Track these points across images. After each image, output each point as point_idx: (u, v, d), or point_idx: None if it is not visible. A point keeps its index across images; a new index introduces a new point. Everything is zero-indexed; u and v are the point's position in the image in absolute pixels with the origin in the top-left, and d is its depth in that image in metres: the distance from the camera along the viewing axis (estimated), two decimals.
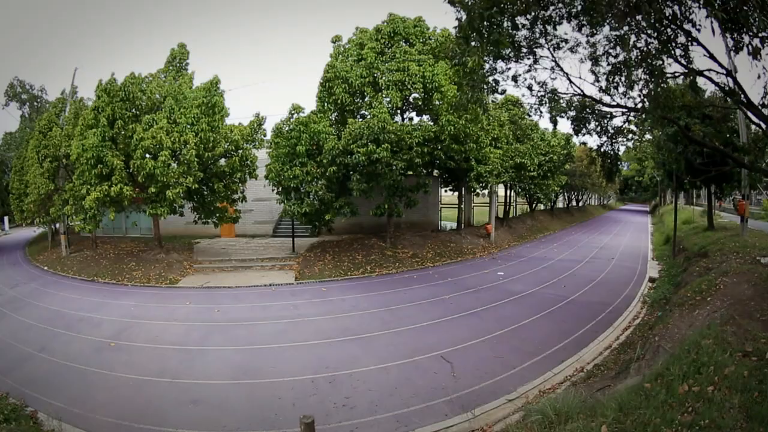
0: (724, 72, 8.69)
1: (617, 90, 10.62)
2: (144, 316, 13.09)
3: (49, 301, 15.29)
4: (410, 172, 18.73)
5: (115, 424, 7.24)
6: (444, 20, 50.31)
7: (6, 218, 39.53)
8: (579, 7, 9.49)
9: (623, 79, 10.12)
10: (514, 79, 11.98)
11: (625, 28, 8.84)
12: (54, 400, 7.98)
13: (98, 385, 8.68)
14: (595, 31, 10.01)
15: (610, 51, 10.14)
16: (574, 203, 48.94)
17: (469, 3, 9.68)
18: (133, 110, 18.68)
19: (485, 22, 9.77)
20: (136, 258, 19.71)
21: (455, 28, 10.74)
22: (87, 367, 9.52)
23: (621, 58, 9.96)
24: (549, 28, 10.33)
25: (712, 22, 7.11)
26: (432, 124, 18.73)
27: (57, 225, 25.30)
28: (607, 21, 9.20)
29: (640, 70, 9.63)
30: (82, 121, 18.68)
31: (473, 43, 11.14)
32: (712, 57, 8.51)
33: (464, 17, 10.22)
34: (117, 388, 8.54)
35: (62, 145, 21.13)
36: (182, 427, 7.07)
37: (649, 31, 8.86)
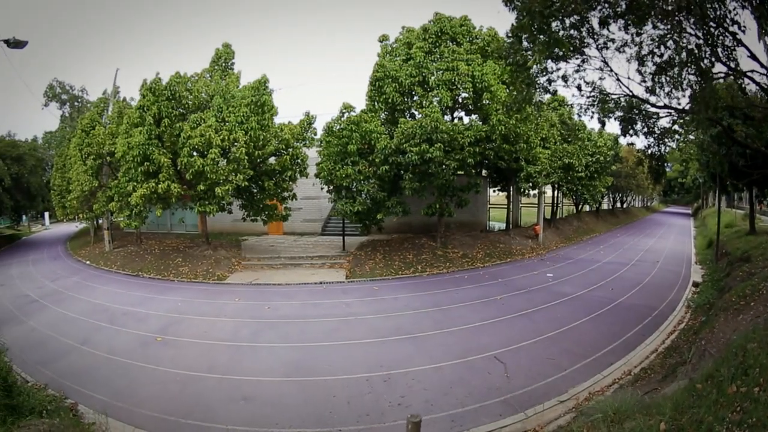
0: (766, 72, 9.02)
1: (662, 90, 10.99)
2: (191, 311, 13.55)
3: (92, 295, 15.93)
4: (461, 172, 19.29)
5: (160, 419, 7.39)
6: (488, 19, 50.59)
7: (47, 214, 41.73)
8: (623, 6, 9.94)
9: (668, 78, 10.55)
10: (564, 78, 12.38)
11: (668, 27, 9.29)
12: (96, 393, 8.23)
13: (143, 380, 8.90)
14: (639, 31, 10.37)
15: (655, 50, 10.47)
16: (618, 205, 48.87)
17: (527, 3, 10.23)
18: (180, 109, 19.65)
19: (544, 21, 10.32)
20: (182, 254, 20.66)
21: (512, 27, 11.34)
22: (132, 361, 9.79)
23: (666, 57, 10.35)
24: (597, 27, 10.76)
25: (761, 23, 7.47)
26: (481, 123, 19.26)
27: (100, 221, 26.77)
28: (651, 20, 9.67)
29: (684, 70, 10.04)
30: (127, 119, 19.65)
31: (525, 43, 11.72)
32: (753, 57, 8.90)
33: (520, 17, 10.81)
34: (163, 383, 8.72)
35: (106, 144, 22.30)
36: (233, 423, 7.21)
37: (690, 30, 9.29)
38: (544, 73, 12.58)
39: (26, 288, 17.62)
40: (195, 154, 18.03)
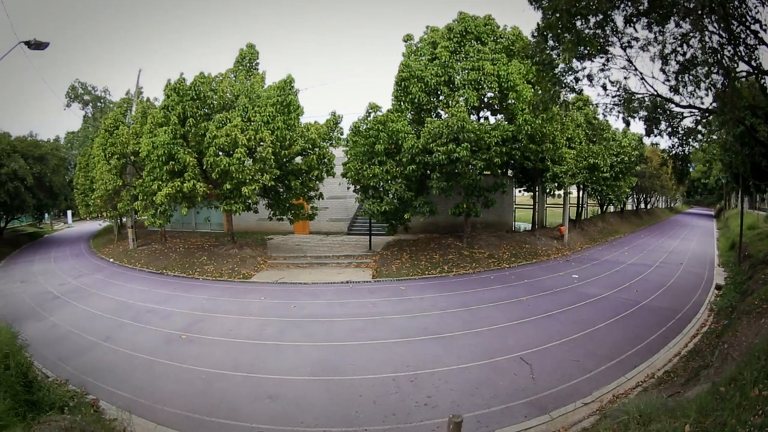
0: None
1: (686, 89, 11.13)
2: (216, 309, 13.73)
3: (115, 292, 16.25)
4: (487, 172, 19.46)
5: (184, 416, 7.46)
6: (509, 18, 50.74)
7: (69, 212, 42.75)
8: (646, 4, 10.04)
9: (691, 77, 10.65)
10: (589, 78, 12.55)
11: (690, 25, 9.40)
12: (118, 390, 8.33)
13: (167, 377, 8.98)
14: (662, 29, 10.53)
15: (678, 49, 10.63)
16: (642, 205, 48.68)
17: (554, 1, 10.39)
18: (205, 109, 20.06)
19: (570, 20, 10.48)
20: (207, 252, 21.09)
21: (538, 26, 11.50)
22: (155, 358, 9.88)
23: (689, 56, 10.48)
24: (620, 25, 10.88)
25: None
26: (507, 123, 19.41)
27: (124, 219, 27.42)
28: (673, 18, 9.78)
29: (706, 68, 10.13)
30: (151, 119, 20.07)
31: (551, 42, 11.88)
32: None
33: (547, 15, 10.98)
34: (187, 381, 8.79)
35: (130, 143, 22.77)
36: (258, 422, 7.26)
37: (712, 29, 9.38)
38: (570, 72, 12.77)
39: (48, 284, 18.02)
40: (220, 153, 18.33)
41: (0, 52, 13.23)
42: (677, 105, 11.72)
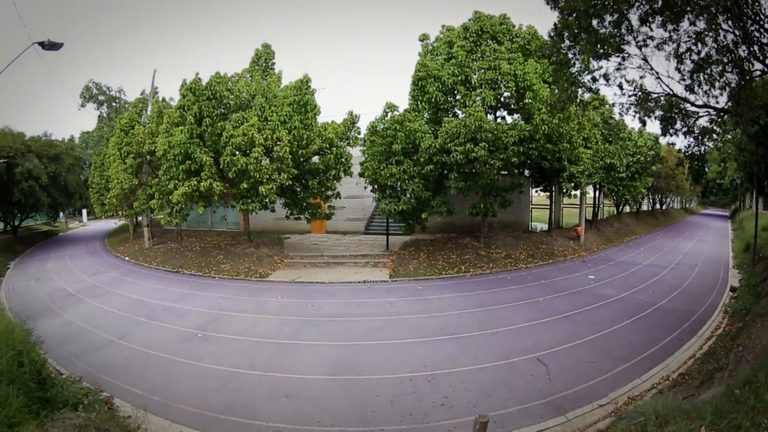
0: None
1: (701, 88, 11.10)
2: (233, 308, 13.83)
3: (130, 290, 16.46)
4: (504, 172, 19.58)
5: (198, 414, 7.48)
6: (525, 17, 50.71)
7: (84, 211, 43.41)
8: (660, 2, 10.09)
9: (706, 76, 10.68)
10: (606, 77, 12.55)
11: (703, 24, 9.46)
12: (133, 387, 8.36)
13: (182, 375, 9.01)
14: (676, 27, 10.51)
15: (692, 47, 10.59)
16: (657, 206, 48.54)
17: (571, 1, 10.49)
18: (221, 109, 20.31)
19: (587, 19, 10.58)
20: (223, 251, 21.36)
21: (555, 26, 11.61)
22: (170, 356, 9.93)
23: (703, 54, 10.47)
24: (635, 24, 10.89)
25: None
26: (524, 123, 19.52)
27: (139, 218, 27.83)
28: (687, 16, 9.85)
29: (720, 67, 10.18)
30: (167, 119, 20.36)
31: (567, 42, 11.98)
32: None
33: (564, 15, 11.08)
34: (203, 379, 8.82)
35: (145, 143, 23.13)
36: (274, 421, 7.26)
37: (726, 27, 9.43)
38: (587, 72, 12.86)
39: (63, 282, 18.27)
40: (237, 153, 18.56)
41: (12, 54, 13.36)
42: (692, 104, 11.77)
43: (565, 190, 24.26)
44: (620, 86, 12.45)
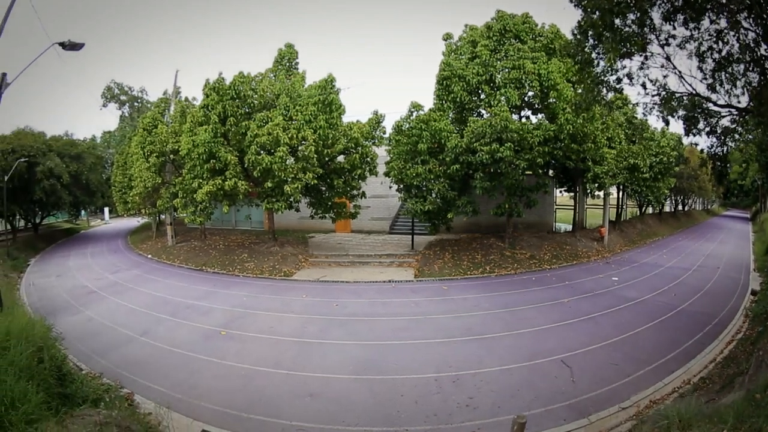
0: None
1: (722, 87, 11.15)
2: (257, 306, 13.98)
3: (153, 287, 16.75)
4: (529, 172, 19.72)
5: (221, 412, 7.55)
6: (544, 16, 50.43)
7: (106, 209, 44.25)
8: (680, 0, 10.18)
9: (727, 75, 10.72)
10: (629, 76, 12.61)
11: (724, 22, 9.51)
12: (155, 384, 8.46)
13: (205, 373, 9.09)
14: (698, 26, 10.56)
15: (713, 46, 10.66)
16: (680, 207, 48.26)
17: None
18: (245, 108, 20.63)
19: (611, 18, 10.69)
20: (248, 250, 21.70)
21: (579, 25, 11.72)
22: (193, 354, 10.01)
23: (724, 53, 10.54)
24: (657, 23, 10.94)
25: None
26: (548, 123, 19.63)
27: (162, 216, 28.35)
28: (708, 14, 9.92)
29: (742, 66, 10.22)
30: (191, 118, 20.65)
31: (591, 40, 12.09)
32: None
33: (588, 13, 11.20)
34: (226, 377, 8.88)
35: (169, 142, 23.50)
36: (297, 419, 7.31)
37: (746, 25, 9.48)
38: (612, 72, 12.96)
39: (84, 279, 18.63)
40: (262, 152, 18.77)
41: (32, 54, 13.61)
42: (715, 104, 11.82)
43: (589, 191, 24.30)
44: (644, 85, 12.48)
